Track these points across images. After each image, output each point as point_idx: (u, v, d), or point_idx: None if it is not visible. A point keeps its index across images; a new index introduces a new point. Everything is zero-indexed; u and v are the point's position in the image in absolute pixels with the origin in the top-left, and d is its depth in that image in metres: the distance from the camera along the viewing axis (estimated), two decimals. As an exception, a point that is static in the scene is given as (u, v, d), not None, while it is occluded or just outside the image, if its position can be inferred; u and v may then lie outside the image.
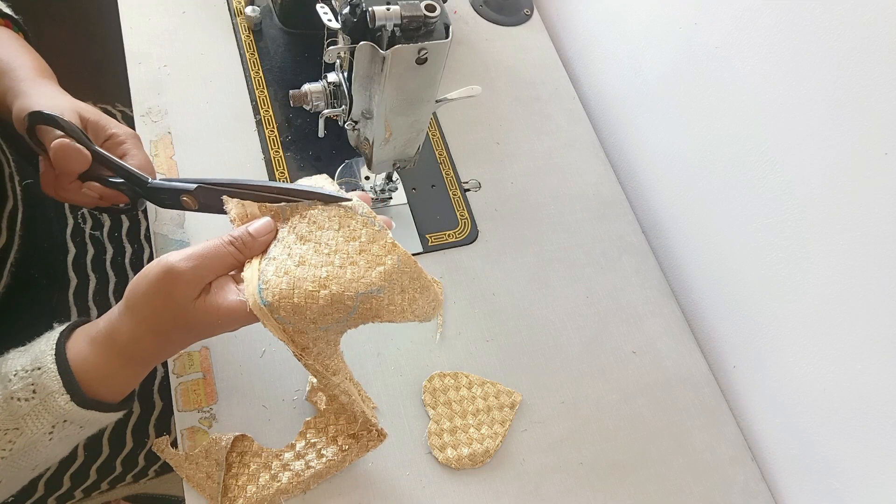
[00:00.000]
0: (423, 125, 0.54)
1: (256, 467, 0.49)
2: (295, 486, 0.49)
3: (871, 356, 0.52)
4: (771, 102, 0.57)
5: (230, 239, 0.40)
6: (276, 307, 0.37)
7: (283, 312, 0.38)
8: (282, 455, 0.50)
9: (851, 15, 0.48)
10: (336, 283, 0.38)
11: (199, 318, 0.38)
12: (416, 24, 0.43)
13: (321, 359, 0.42)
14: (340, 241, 0.40)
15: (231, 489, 0.48)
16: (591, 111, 0.82)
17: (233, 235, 0.40)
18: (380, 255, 0.39)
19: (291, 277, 0.38)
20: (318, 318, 0.38)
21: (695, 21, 0.64)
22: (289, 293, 0.37)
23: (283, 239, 0.40)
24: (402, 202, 0.66)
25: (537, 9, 0.88)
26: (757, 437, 0.64)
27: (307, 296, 0.37)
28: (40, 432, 0.38)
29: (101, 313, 0.60)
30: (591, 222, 0.72)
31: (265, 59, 0.70)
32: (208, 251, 0.39)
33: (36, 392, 0.38)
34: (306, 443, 0.51)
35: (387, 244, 0.40)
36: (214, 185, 0.42)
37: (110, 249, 0.64)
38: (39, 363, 0.38)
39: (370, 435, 0.50)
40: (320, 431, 0.51)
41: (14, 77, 0.48)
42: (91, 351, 0.40)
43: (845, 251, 0.52)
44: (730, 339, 0.66)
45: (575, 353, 0.63)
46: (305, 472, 0.49)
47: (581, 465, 0.57)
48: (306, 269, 0.38)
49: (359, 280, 0.38)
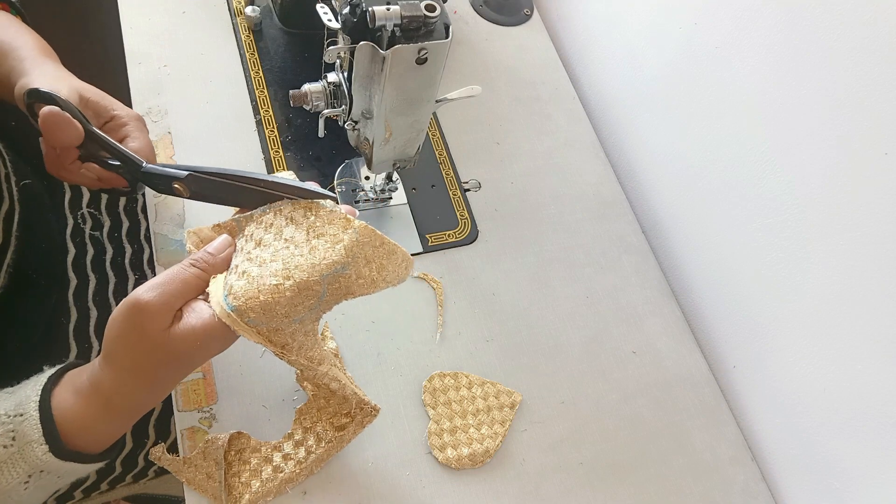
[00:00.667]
0: (423, 125, 0.54)
1: (258, 461, 0.49)
2: (298, 474, 0.49)
3: (871, 356, 0.52)
4: (771, 102, 0.57)
5: (191, 261, 0.39)
6: (245, 310, 0.37)
7: (253, 314, 0.37)
8: (281, 446, 0.50)
9: (851, 15, 0.48)
10: (299, 271, 0.37)
11: (177, 347, 0.37)
12: (416, 24, 0.43)
13: (304, 352, 0.42)
14: (297, 233, 0.39)
15: (235, 487, 0.48)
16: (591, 111, 0.82)
17: (192, 258, 0.40)
18: (337, 234, 0.39)
19: (253, 278, 0.38)
20: (289, 310, 0.38)
21: (695, 21, 0.64)
22: (254, 293, 0.37)
23: (241, 248, 0.40)
24: (402, 202, 0.66)
25: (537, 9, 0.88)
26: (757, 437, 0.64)
27: (273, 290, 0.37)
28: (15, 481, 0.37)
29: (101, 314, 0.60)
30: (591, 222, 0.72)
31: (265, 59, 0.70)
32: (171, 277, 0.38)
33: (15, 440, 0.37)
34: (303, 429, 0.51)
35: (341, 220, 0.39)
36: (206, 173, 0.42)
37: (110, 250, 0.64)
38: (23, 409, 0.37)
39: (365, 411, 0.50)
40: (314, 416, 0.51)
41: (16, 57, 0.48)
42: (75, 401, 0.38)
43: (845, 251, 0.52)
44: (730, 339, 0.66)
45: (575, 353, 0.63)
46: (308, 459, 0.49)
47: (581, 465, 0.57)
48: (267, 266, 0.38)
49: (321, 262, 0.38)
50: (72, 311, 0.59)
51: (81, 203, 0.65)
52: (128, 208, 0.68)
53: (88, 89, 0.48)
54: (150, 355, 0.37)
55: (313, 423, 0.51)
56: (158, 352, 0.37)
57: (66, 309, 0.59)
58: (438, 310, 0.61)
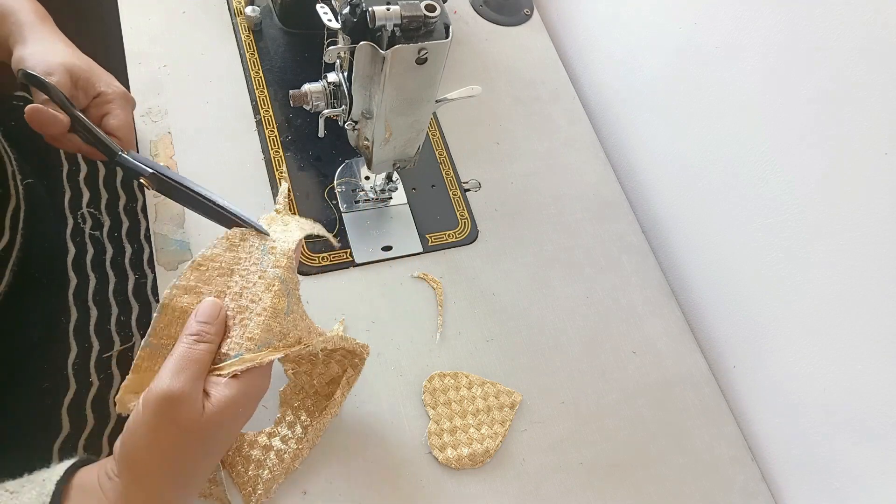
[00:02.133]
0: (423, 125, 0.54)
1: (259, 452, 0.49)
2: (303, 449, 0.50)
3: (871, 356, 0.52)
4: (771, 102, 0.57)
5: (194, 338, 0.37)
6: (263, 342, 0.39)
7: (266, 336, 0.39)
8: (276, 431, 0.50)
9: (851, 15, 0.48)
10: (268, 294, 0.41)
11: (216, 428, 0.35)
12: (416, 24, 0.43)
13: (312, 333, 0.44)
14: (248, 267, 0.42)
15: (245, 484, 0.48)
16: (591, 111, 0.82)
17: (190, 334, 0.37)
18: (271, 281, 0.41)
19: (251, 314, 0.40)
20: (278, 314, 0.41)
21: (695, 21, 0.64)
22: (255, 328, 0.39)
23: None
24: (402, 202, 0.66)
25: (537, 9, 0.88)
26: (757, 437, 0.64)
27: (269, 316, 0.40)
28: None
29: (101, 313, 0.60)
30: (591, 222, 0.72)
31: (265, 59, 0.70)
32: (185, 361, 0.36)
33: None
34: (293, 409, 0.51)
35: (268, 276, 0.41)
36: (167, 177, 0.44)
37: (110, 249, 0.64)
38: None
39: (353, 354, 0.50)
40: (300, 393, 0.52)
41: (14, 22, 0.49)
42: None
43: (845, 251, 0.52)
44: (730, 339, 0.66)
45: (575, 353, 0.63)
46: (307, 433, 0.50)
47: (581, 465, 0.57)
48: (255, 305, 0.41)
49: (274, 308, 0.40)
50: (72, 311, 0.59)
51: (81, 203, 0.65)
52: (128, 208, 0.68)
53: (78, 64, 0.49)
54: (192, 450, 0.35)
55: (301, 399, 0.51)
56: (201, 439, 0.35)
57: (66, 308, 0.59)
58: (438, 310, 0.61)
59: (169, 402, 0.34)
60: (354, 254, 0.62)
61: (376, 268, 0.62)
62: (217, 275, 0.41)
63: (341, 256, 0.61)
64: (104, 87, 0.50)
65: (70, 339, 0.58)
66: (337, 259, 0.61)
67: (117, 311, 0.62)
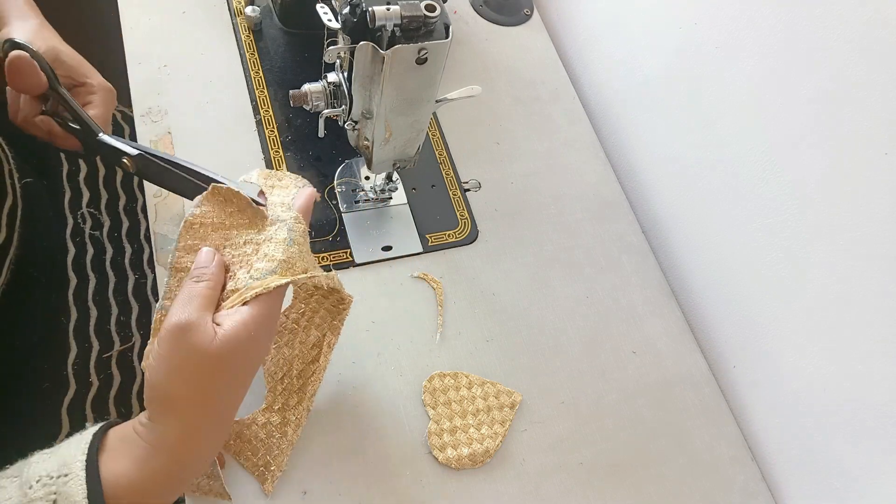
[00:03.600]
0: (423, 125, 0.54)
1: (259, 430, 0.49)
2: (302, 417, 0.51)
3: (871, 356, 0.52)
4: (771, 102, 0.57)
5: (193, 279, 0.39)
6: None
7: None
8: (271, 406, 0.50)
9: (851, 15, 0.48)
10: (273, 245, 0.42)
11: (229, 352, 0.35)
12: (416, 24, 0.43)
13: (315, 266, 0.45)
14: None
15: (256, 468, 0.48)
16: (591, 111, 0.82)
17: (189, 277, 0.39)
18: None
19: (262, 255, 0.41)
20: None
21: (695, 21, 0.64)
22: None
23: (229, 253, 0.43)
24: (402, 202, 0.66)
25: (537, 9, 0.88)
26: (757, 437, 0.64)
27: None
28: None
29: (101, 313, 0.60)
30: (591, 222, 0.72)
31: (265, 60, 0.70)
32: (191, 295, 0.37)
33: (56, 502, 0.33)
34: (279, 382, 0.51)
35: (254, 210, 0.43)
36: (154, 156, 0.44)
37: (110, 249, 0.64)
38: (67, 469, 0.34)
39: (331, 316, 0.51)
40: (282, 366, 0.52)
41: (1, 7, 0.50)
42: (130, 464, 0.35)
43: (845, 251, 0.52)
44: (730, 339, 0.66)
45: (575, 353, 0.63)
46: (303, 399, 0.51)
47: (581, 465, 0.57)
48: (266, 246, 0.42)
49: None
50: (72, 311, 0.59)
51: (81, 203, 0.65)
52: (128, 208, 0.68)
53: (66, 51, 0.49)
54: (212, 375, 0.35)
55: (286, 371, 0.52)
56: (219, 365, 0.35)
57: (66, 308, 0.59)
58: (438, 310, 0.61)
59: (181, 330, 0.35)
60: (354, 254, 0.62)
61: (376, 268, 0.62)
62: (211, 230, 0.42)
63: (341, 256, 0.61)
64: (91, 78, 0.50)
65: (70, 339, 0.58)
66: (337, 259, 0.61)
67: (117, 311, 0.62)
